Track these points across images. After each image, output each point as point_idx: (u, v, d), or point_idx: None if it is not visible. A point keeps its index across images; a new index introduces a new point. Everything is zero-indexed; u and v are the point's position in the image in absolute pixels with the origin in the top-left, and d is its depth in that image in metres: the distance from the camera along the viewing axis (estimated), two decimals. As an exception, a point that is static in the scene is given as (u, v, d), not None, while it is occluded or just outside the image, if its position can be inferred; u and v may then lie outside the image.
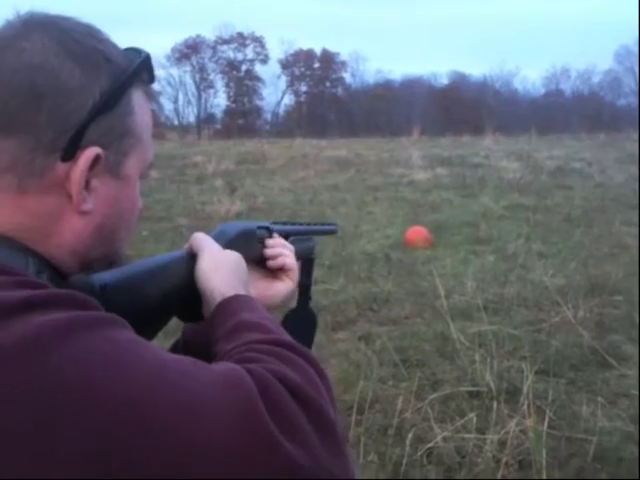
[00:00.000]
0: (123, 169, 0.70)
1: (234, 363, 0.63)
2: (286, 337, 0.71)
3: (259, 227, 0.97)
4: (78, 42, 0.67)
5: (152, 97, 0.76)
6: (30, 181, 0.65)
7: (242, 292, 0.79)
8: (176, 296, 0.81)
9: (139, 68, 0.71)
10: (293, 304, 1.04)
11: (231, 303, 0.76)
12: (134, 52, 0.73)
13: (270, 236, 0.98)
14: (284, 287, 0.97)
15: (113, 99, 0.68)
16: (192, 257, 0.84)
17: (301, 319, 1.03)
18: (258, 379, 0.59)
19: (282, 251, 0.97)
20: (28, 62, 0.64)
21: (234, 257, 0.85)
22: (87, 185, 0.67)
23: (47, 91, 0.64)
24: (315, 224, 1.14)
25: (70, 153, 0.65)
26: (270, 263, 0.96)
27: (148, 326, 0.76)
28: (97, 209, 0.68)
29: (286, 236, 1.02)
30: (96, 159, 0.66)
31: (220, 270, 0.81)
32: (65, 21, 0.69)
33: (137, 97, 0.71)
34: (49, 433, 0.51)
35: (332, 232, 1.20)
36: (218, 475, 0.54)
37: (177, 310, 0.84)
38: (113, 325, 0.59)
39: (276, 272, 0.97)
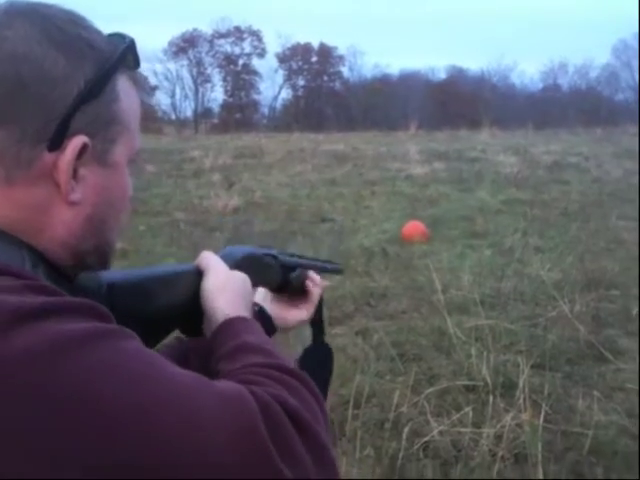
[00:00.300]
0: (111, 157, 0.69)
1: (236, 383, 0.64)
2: (286, 362, 0.72)
3: (265, 254, 1.00)
4: (61, 30, 0.66)
5: (138, 83, 0.75)
6: (17, 173, 0.64)
7: (245, 314, 0.80)
8: (181, 309, 0.82)
9: (124, 54, 0.70)
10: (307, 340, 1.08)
11: (234, 324, 0.77)
12: (118, 37, 0.72)
13: (277, 263, 1.02)
14: (299, 315, 1.05)
15: (98, 87, 0.67)
16: (199, 274, 0.84)
17: (319, 355, 1.08)
18: (260, 400, 0.61)
19: (319, 283, 1.07)
20: (11, 51, 0.63)
21: (241, 278, 0.86)
22: (75, 174, 0.66)
23: (31, 81, 0.63)
24: (319, 260, 1.17)
25: (57, 142, 0.64)
26: (309, 284, 1.06)
27: (150, 334, 0.75)
28: (86, 199, 0.67)
29: (291, 268, 1.05)
30: (83, 148, 0.65)
31: (225, 291, 0.82)
32: (47, 8, 0.68)
33: (122, 83, 0.70)
34: (53, 435, 0.52)
35: (336, 272, 1.24)
36: None
37: (180, 323, 0.85)
38: (125, 337, 0.60)
39: (294, 300, 1.05)
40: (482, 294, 4.91)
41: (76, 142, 0.65)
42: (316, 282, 1.07)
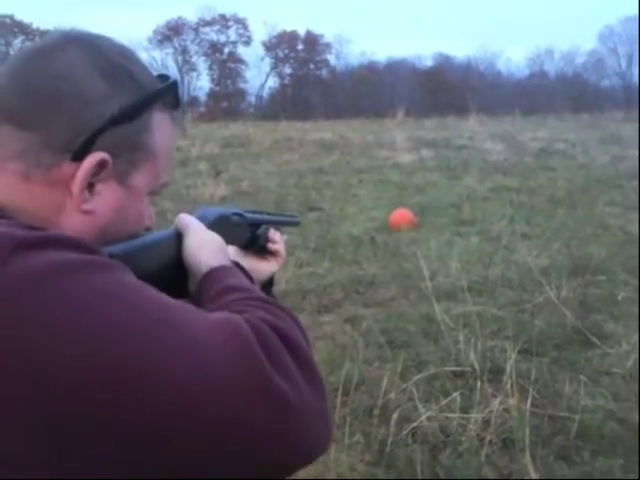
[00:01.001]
0: (131, 180, 0.75)
1: (228, 312, 0.68)
2: (266, 295, 0.78)
3: (234, 213, 1.05)
4: (108, 59, 0.73)
5: (177, 122, 0.81)
6: (36, 171, 0.69)
7: (227, 263, 0.85)
8: (167, 272, 0.86)
9: (163, 90, 0.77)
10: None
11: (217, 271, 0.81)
12: (163, 77, 0.79)
13: (244, 221, 1.07)
14: (270, 267, 1.12)
15: (132, 113, 0.73)
16: (179, 236, 0.89)
17: None
18: (252, 325, 0.65)
19: (280, 239, 1.13)
20: (57, 69, 0.70)
21: (217, 237, 0.91)
22: (92, 187, 0.71)
23: (68, 97, 0.70)
24: (278, 214, 1.24)
25: (79, 155, 0.70)
26: (270, 246, 1.11)
27: None
28: (101, 212, 0.73)
29: (258, 224, 1.10)
30: (102, 163, 0.70)
31: (206, 246, 0.87)
32: (100, 39, 0.76)
33: (159, 117, 0.76)
34: (53, 356, 0.55)
35: (295, 224, 1.35)
36: (219, 411, 0.59)
37: (166, 286, 0.87)
38: (125, 271, 0.65)
39: (264, 255, 1.11)
40: (470, 281, 4.93)
41: (95, 157, 0.70)
42: (277, 238, 1.13)
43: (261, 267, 1.10)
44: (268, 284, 1.13)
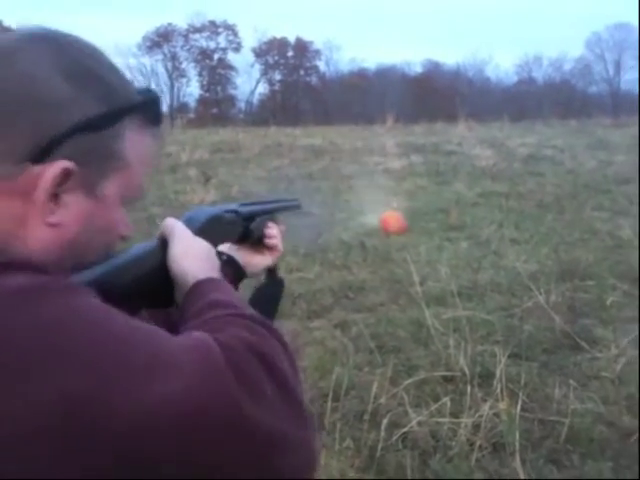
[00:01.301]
0: (100, 190, 0.70)
1: (202, 332, 0.66)
2: (255, 313, 0.74)
3: (227, 211, 1.03)
4: (75, 61, 0.68)
5: (156, 137, 0.76)
6: None
7: (214, 275, 0.81)
8: (151, 284, 0.83)
9: (142, 103, 0.72)
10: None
11: (203, 285, 0.78)
12: (144, 90, 0.75)
13: (239, 217, 1.05)
14: (264, 260, 1.09)
15: (101, 122, 0.68)
16: (164, 243, 0.86)
17: (269, 292, 1.11)
18: (226, 345, 0.62)
19: (277, 234, 1.10)
20: (19, 71, 0.65)
21: (205, 244, 0.87)
22: (57, 198, 0.66)
23: (29, 101, 0.65)
24: (278, 201, 1.19)
25: (39, 161, 0.65)
26: (267, 241, 1.09)
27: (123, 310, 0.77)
28: (68, 224, 0.68)
29: (253, 216, 1.08)
30: (66, 173, 0.66)
31: (192, 255, 0.83)
32: (68, 39, 0.70)
33: (133, 127, 0.72)
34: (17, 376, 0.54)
35: (296, 207, 1.27)
36: (177, 435, 0.57)
37: (152, 298, 0.86)
38: (81, 293, 0.63)
39: (259, 247, 1.09)
40: (459, 286, 4.94)
41: (57, 166, 0.65)
42: (273, 233, 1.10)
43: (255, 261, 1.08)
44: (272, 286, 1.12)
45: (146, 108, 0.73)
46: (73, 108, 0.66)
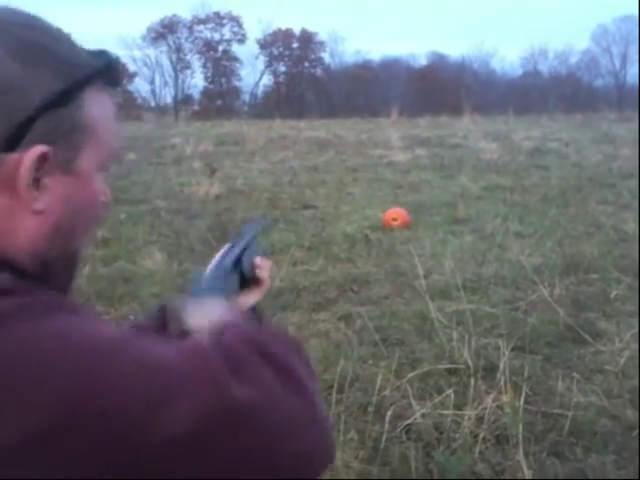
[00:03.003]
0: (76, 164, 0.67)
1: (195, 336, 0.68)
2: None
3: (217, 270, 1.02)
4: (20, 38, 0.64)
5: (113, 97, 0.73)
6: None
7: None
8: None
9: (99, 70, 0.69)
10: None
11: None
12: (99, 53, 0.71)
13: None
14: (253, 297, 1.06)
15: (63, 97, 0.65)
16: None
17: None
18: (214, 342, 0.64)
19: (265, 265, 1.07)
20: None
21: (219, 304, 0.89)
22: (38, 184, 0.65)
23: None
24: (250, 228, 1.15)
25: (12, 150, 0.63)
26: (257, 273, 1.06)
27: None
28: (52, 208, 0.66)
29: (240, 259, 1.05)
30: (42, 157, 0.64)
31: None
32: (8, 14, 0.66)
33: (93, 94, 0.69)
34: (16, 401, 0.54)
35: (270, 225, 1.22)
36: (185, 426, 0.57)
37: None
38: (69, 310, 0.62)
39: (246, 286, 1.06)
40: (463, 279, 4.93)
41: (34, 152, 0.63)
42: (263, 268, 1.07)
43: (245, 300, 1.05)
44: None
45: (105, 72, 0.70)
46: (32, 90, 0.63)
